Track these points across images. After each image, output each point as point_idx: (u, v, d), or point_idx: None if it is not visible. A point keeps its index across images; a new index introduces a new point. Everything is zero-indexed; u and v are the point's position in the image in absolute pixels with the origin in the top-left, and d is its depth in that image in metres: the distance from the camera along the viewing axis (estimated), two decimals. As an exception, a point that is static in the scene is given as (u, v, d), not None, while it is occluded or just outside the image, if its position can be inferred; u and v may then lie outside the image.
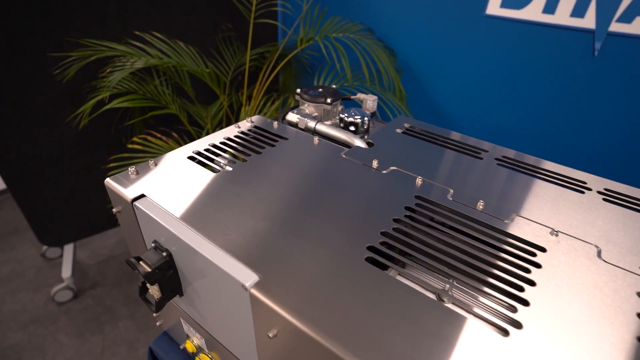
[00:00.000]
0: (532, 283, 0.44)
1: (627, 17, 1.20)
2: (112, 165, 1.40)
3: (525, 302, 0.42)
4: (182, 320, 0.69)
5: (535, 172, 0.68)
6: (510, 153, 0.74)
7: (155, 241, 0.57)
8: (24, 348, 1.59)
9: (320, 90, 0.86)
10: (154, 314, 0.67)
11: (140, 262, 0.53)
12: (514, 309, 0.41)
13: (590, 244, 0.51)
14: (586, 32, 1.27)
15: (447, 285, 0.46)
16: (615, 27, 1.22)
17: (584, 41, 1.29)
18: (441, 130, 0.82)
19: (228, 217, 0.53)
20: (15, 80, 1.30)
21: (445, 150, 0.73)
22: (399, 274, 0.50)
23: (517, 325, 0.39)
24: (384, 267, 0.47)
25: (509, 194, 0.61)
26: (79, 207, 1.76)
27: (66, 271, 1.79)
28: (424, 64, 1.65)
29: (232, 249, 0.47)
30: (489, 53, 1.47)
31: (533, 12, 1.33)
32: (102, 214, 1.84)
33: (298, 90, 0.87)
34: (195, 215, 0.53)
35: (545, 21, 1.32)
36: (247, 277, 0.44)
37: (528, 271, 0.46)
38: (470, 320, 0.39)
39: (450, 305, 0.42)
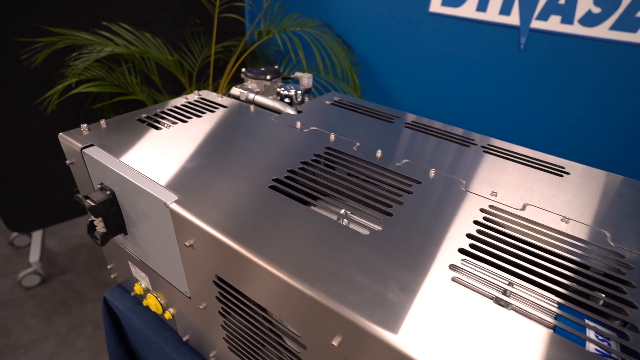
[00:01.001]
0: (400, 202, 0.56)
1: (544, 15, 1.36)
2: None
3: (389, 214, 0.53)
4: (130, 263, 0.77)
5: (432, 131, 0.80)
6: (414, 118, 0.86)
7: (101, 183, 0.66)
8: (-11, 329, 1.62)
9: (263, 69, 0.97)
10: (100, 245, 0.75)
11: (87, 199, 0.63)
12: (377, 219, 0.53)
13: (459, 179, 0.63)
14: (513, 29, 1.43)
15: (343, 210, 0.57)
16: (535, 24, 1.38)
17: (511, 36, 1.44)
18: (367, 103, 0.94)
19: (162, 160, 0.63)
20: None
21: (362, 117, 0.85)
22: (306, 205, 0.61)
23: (382, 225, 0.51)
24: (289, 195, 0.58)
25: (406, 147, 0.73)
26: (47, 194, 1.80)
27: (34, 256, 1.83)
28: (378, 58, 1.78)
29: (159, 179, 0.57)
30: (433, 47, 1.62)
31: (468, 10, 1.48)
32: (72, 201, 1.89)
33: (243, 70, 0.97)
34: (135, 158, 0.63)
35: (478, 18, 1.47)
36: (169, 197, 0.54)
37: (400, 195, 0.58)
38: (349, 225, 0.50)
39: (342, 221, 0.53)
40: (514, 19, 1.41)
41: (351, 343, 0.39)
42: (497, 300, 0.40)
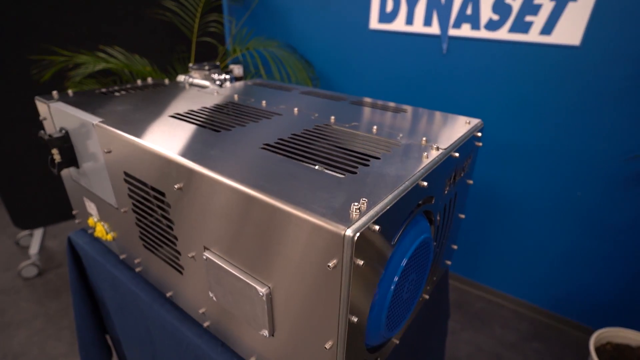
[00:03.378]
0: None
1: (457, 24, 1.62)
2: None
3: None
4: (84, 199, 1.00)
5: (329, 98, 1.03)
6: (309, 90, 1.10)
7: (61, 127, 0.90)
8: (-12, 310, 1.83)
9: (205, 64, 1.24)
10: (57, 173, 0.96)
11: (47, 135, 0.87)
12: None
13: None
14: (435, 37, 1.69)
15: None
16: (452, 32, 1.64)
17: (435, 43, 1.70)
18: (283, 84, 1.19)
19: (102, 109, 0.87)
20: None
21: (271, 90, 1.09)
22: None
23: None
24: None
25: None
26: (50, 194, 2.07)
27: (34, 248, 2.07)
28: (333, 71, 2.06)
29: (94, 119, 0.81)
30: (374, 56, 1.89)
31: (399, 24, 1.76)
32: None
33: (190, 64, 1.24)
34: (85, 109, 0.87)
35: (408, 30, 1.74)
36: (95, 120, 0.77)
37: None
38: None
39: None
40: (435, 29, 1.68)
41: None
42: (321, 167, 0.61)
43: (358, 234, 0.42)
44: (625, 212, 1.49)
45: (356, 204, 0.45)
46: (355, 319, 0.49)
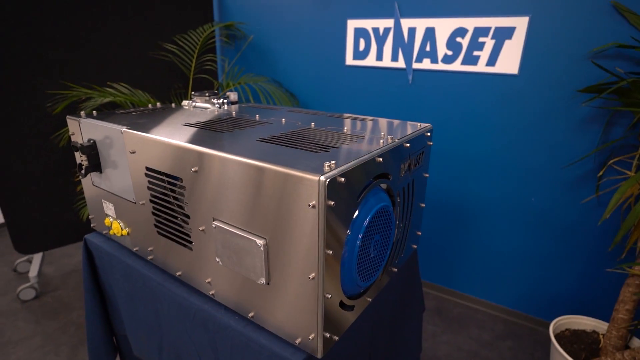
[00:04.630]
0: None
1: (419, 59, 1.91)
2: (80, 187, 1.92)
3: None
4: (102, 201, 1.16)
5: (310, 113, 1.25)
6: (293, 109, 1.32)
7: (89, 138, 1.09)
8: (-14, 331, 1.88)
9: (206, 91, 1.46)
10: (82, 179, 1.14)
11: (79, 144, 1.05)
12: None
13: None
14: (402, 70, 1.98)
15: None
16: (415, 65, 1.93)
17: (402, 76, 1.98)
18: (272, 106, 1.41)
19: (124, 122, 1.07)
20: (14, 111, 1.88)
21: (262, 109, 1.31)
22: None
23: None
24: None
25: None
26: (49, 221, 2.19)
27: (33, 271, 2.15)
28: (314, 102, 2.32)
29: (119, 127, 1.01)
30: (350, 89, 2.16)
31: (371, 60, 2.05)
32: (70, 227, 2.27)
33: (193, 92, 1.46)
34: (109, 122, 1.07)
35: (378, 65, 2.03)
36: (122, 127, 0.97)
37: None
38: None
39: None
40: (401, 63, 1.97)
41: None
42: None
43: (329, 180, 0.62)
44: (571, 212, 1.72)
45: (327, 163, 0.65)
46: (330, 252, 0.67)
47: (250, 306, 0.84)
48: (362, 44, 2.06)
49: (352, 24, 2.06)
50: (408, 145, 0.91)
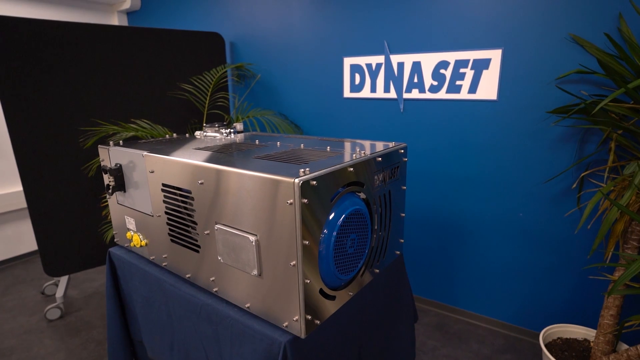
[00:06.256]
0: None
1: (409, 90, 2.11)
2: (105, 212, 2.14)
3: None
4: (125, 217, 1.35)
5: (304, 138, 1.44)
6: (291, 135, 1.51)
7: (116, 163, 1.30)
8: (16, 347, 2.04)
9: (215, 123, 1.68)
10: (108, 197, 1.33)
11: (108, 168, 1.26)
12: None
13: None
14: (394, 100, 2.17)
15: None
16: (406, 95, 2.12)
17: (394, 105, 2.18)
18: (273, 134, 1.61)
19: (144, 148, 1.27)
20: (52, 146, 2.15)
21: (263, 136, 1.50)
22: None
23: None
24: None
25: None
26: (76, 246, 2.40)
27: (59, 292, 2.33)
28: (316, 131, 2.53)
29: (142, 152, 1.21)
30: (348, 118, 2.36)
31: (366, 93, 2.26)
32: (94, 252, 2.46)
33: (204, 124, 1.68)
34: (133, 148, 1.28)
35: (372, 97, 2.24)
36: (144, 152, 1.17)
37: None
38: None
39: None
40: (393, 94, 2.17)
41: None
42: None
43: (302, 182, 0.78)
44: (557, 224, 1.81)
45: (302, 170, 0.82)
46: (307, 242, 0.83)
47: (247, 297, 0.98)
48: (357, 78, 2.28)
49: (348, 61, 2.29)
50: (380, 159, 1.07)
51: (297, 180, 0.78)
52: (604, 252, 1.67)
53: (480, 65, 1.86)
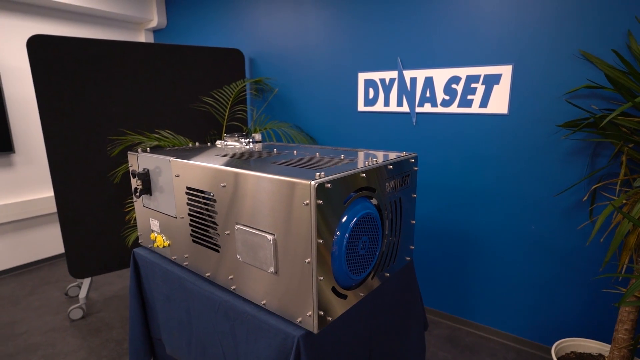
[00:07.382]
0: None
1: (421, 104, 2.17)
2: (128, 217, 2.25)
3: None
4: (150, 219, 1.43)
5: (320, 147, 1.51)
6: (307, 145, 1.58)
7: (144, 168, 1.39)
8: (41, 344, 2.14)
9: (235, 133, 1.77)
10: (135, 200, 1.42)
11: (137, 172, 1.35)
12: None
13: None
14: (406, 114, 2.24)
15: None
16: (418, 109, 2.19)
17: (407, 119, 2.24)
18: (290, 144, 1.69)
19: (170, 155, 1.37)
20: (81, 154, 2.28)
21: (281, 146, 1.58)
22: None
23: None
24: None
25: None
26: (100, 249, 2.51)
27: (82, 293, 2.43)
28: (332, 145, 2.61)
29: (168, 158, 1.31)
30: (362, 131, 2.43)
31: (379, 106, 2.33)
32: (116, 255, 2.57)
33: (224, 134, 1.78)
34: (159, 154, 1.37)
35: (386, 110, 2.31)
36: (171, 158, 1.26)
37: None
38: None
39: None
40: (405, 108, 2.23)
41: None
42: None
43: (317, 184, 0.85)
44: (570, 237, 1.81)
45: (318, 174, 0.88)
46: (321, 241, 0.89)
47: (263, 294, 1.04)
48: (371, 93, 2.36)
49: (362, 76, 2.38)
50: (391, 167, 1.13)
51: (313, 183, 0.85)
52: (617, 264, 1.67)
53: (491, 81, 1.92)
